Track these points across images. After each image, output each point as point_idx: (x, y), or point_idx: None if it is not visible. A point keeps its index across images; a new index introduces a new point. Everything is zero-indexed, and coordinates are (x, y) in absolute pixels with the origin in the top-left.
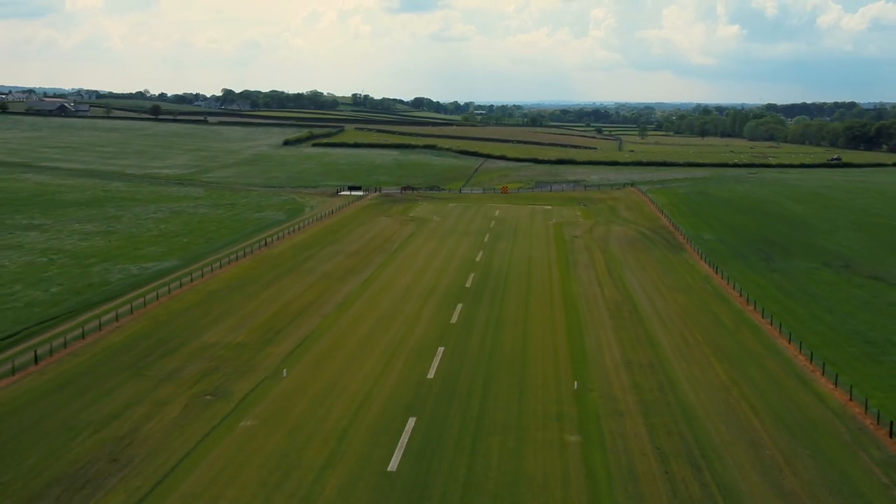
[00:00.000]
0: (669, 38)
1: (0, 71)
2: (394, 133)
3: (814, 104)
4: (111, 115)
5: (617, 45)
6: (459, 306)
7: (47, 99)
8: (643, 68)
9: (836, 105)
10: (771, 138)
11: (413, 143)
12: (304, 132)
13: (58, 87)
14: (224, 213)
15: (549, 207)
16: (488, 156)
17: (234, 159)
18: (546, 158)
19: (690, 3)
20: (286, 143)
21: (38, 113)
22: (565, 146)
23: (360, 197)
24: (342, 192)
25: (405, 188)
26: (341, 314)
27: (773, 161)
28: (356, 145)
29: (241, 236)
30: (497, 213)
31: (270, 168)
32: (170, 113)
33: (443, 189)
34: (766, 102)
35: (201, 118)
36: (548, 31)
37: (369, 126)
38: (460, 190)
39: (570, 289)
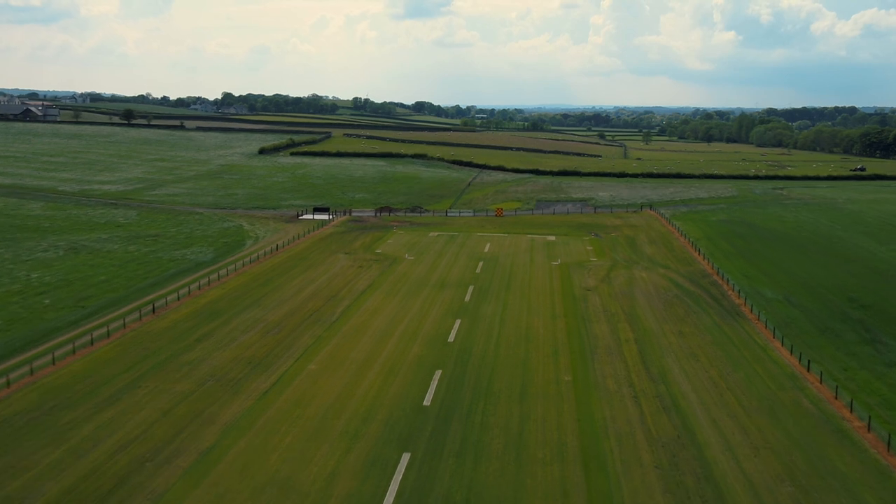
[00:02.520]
0: (667, 44)
1: (15, 74)
2: (385, 140)
3: (814, 109)
4: (80, 119)
5: (616, 50)
6: (405, 460)
7: (31, 102)
8: (641, 73)
9: (837, 110)
10: (779, 144)
11: (402, 151)
12: (283, 139)
13: (70, 90)
14: (137, 250)
15: (553, 238)
16: (484, 166)
17: (196, 171)
18: (548, 169)
19: (687, 10)
20: (261, 151)
21: (2, 118)
22: (568, 154)
23: (325, 222)
24: (304, 216)
25: (381, 209)
26: (193, 486)
27: (793, 172)
28: (339, 154)
29: (132, 292)
30: (487, 247)
31: (233, 182)
32: (144, 117)
33: (426, 211)
34: (762, 107)
35: (178, 123)
36: (549, 38)
37: (360, 132)
38: (447, 212)
39: (590, 409)
